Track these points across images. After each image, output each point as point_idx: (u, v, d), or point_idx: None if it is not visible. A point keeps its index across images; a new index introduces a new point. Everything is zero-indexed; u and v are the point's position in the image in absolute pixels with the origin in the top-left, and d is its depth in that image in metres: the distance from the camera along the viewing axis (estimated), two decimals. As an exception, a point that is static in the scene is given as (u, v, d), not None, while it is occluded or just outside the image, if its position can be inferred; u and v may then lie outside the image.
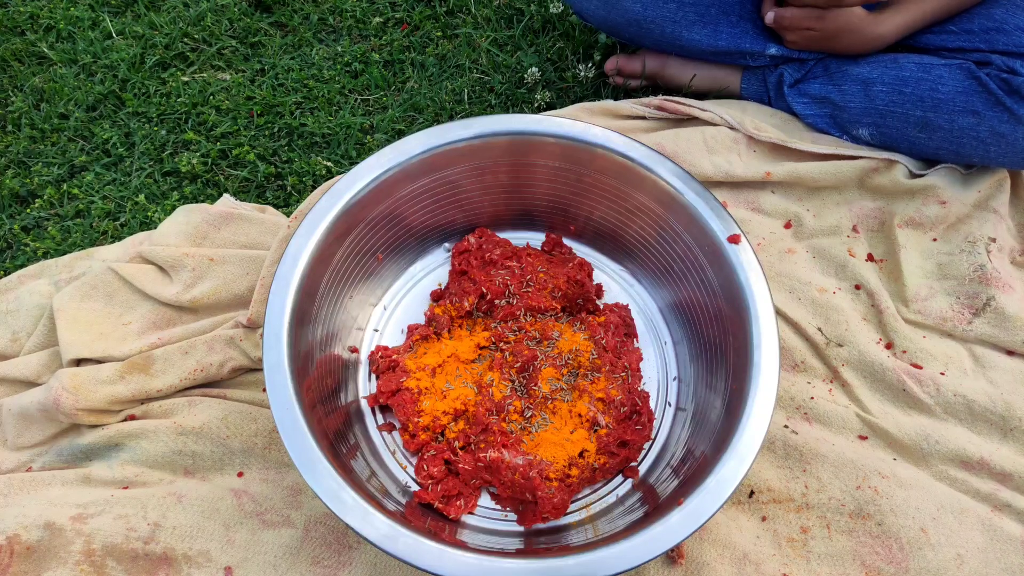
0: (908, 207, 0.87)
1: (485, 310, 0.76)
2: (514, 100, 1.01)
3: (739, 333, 0.65)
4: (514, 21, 1.08)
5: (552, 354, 0.71)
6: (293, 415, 0.59)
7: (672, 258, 0.75)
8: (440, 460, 0.68)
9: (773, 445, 0.73)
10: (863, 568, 0.68)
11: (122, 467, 0.72)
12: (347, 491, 0.56)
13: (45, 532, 0.66)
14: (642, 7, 0.90)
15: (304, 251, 0.66)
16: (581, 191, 0.77)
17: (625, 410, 0.69)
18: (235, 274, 0.80)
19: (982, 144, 0.83)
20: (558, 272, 0.77)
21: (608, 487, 0.70)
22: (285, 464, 0.72)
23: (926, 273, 0.84)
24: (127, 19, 1.08)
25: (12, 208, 0.93)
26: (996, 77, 0.81)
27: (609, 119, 0.93)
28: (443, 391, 0.70)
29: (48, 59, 1.05)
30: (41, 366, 0.76)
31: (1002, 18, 0.82)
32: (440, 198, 0.76)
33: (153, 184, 0.94)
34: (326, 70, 1.03)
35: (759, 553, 0.68)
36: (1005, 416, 0.74)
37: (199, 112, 0.99)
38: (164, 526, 0.68)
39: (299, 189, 0.93)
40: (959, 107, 0.82)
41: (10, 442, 0.74)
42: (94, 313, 0.79)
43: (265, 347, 0.61)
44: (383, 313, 0.78)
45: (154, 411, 0.74)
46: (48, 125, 0.98)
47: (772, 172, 0.88)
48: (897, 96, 0.85)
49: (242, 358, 0.76)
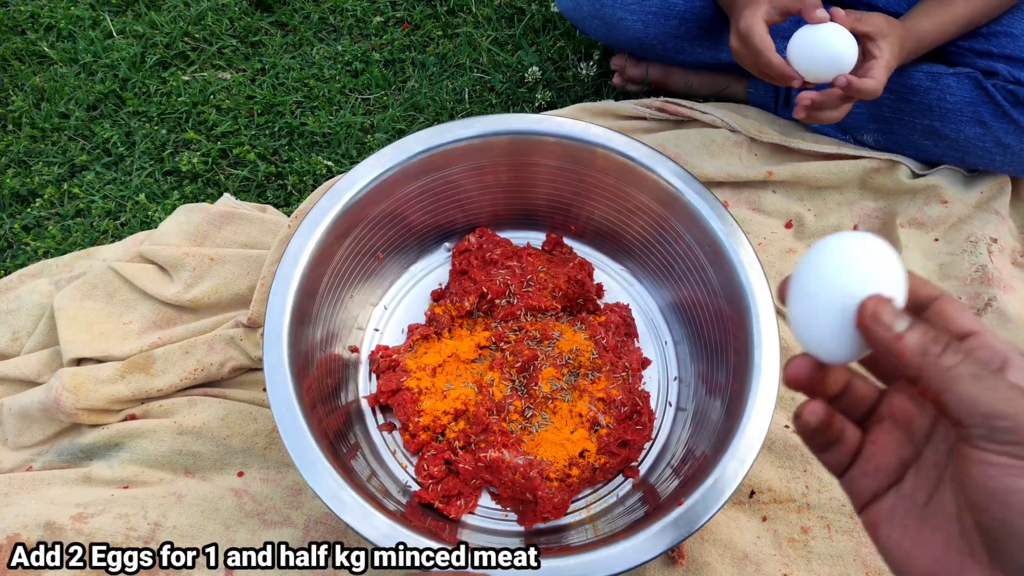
0: (910, 207, 0.86)
1: (485, 310, 0.76)
2: (515, 99, 1.01)
3: (740, 333, 0.65)
4: (515, 20, 1.08)
5: (552, 354, 0.71)
6: (293, 415, 0.59)
7: (673, 258, 0.75)
8: (440, 460, 0.68)
9: (774, 445, 0.73)
10: (864, 568, 0.68)
11: (122, 467, 0.72)
12: (347, 491, 0.56)
13: (45, 531, 0.66)
14: (643, 26, 0.89)
15: (304, 251, 0.66)
16: (582, 191, 0.77)
17: (625, 410, 0.69)
18: (235, 273, 0.80)
19: (987, 153, 0.83)
20: (559, 272, 0.76)
21: (608, 487, 0.70)
22: (285, 464, 0.72)
23: (928, 273, 0.84)
24: (128, 18, 1.08)
25: (13, 207, 0.93)
26: (1002, 88, 0.80)
27: (610, 119, 0.93)
28: (443, 391, 0.70)
29: (49, 58, 1.05)
30: (41, 365, 0.76)
31: (1010, 23, 0.80)
32: (440, 198, 0.76)
33: (153, 183, 0.94)
34: (327, 69, 1.03)
35: (759, 553, 0.68)
36: (1006, 416, 0.74)
37: (199, 111, 0.99)
38: (164, 526, 0.68)
39: (299, 188, 0.93)
40: (966, 117, 0.82)
41: (10, 441, 0.74)
42: (94, 312, 0.79)
43: (265, 347, 0.61)
44: (383, 313, 0.78)
45: (154, 411, 0.74)
46: (49, 124, 0.98)
47: (774, 172, 0.88)
48: (904, 104, 0.84)
49: (242, 358, 0.76)
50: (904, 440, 0.33)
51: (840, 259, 0.31)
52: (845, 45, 0.69)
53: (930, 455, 0.32)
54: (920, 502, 0.31)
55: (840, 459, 0.34)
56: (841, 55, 0.69)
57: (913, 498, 0.32)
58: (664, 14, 0.88)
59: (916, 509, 0.31)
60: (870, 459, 0.33)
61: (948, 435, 0.32)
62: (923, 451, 0.33)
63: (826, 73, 0.70)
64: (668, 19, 0.88)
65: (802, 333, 0.32)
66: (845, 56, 0.69)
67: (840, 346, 0.31)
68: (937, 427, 0.32)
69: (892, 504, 0.32)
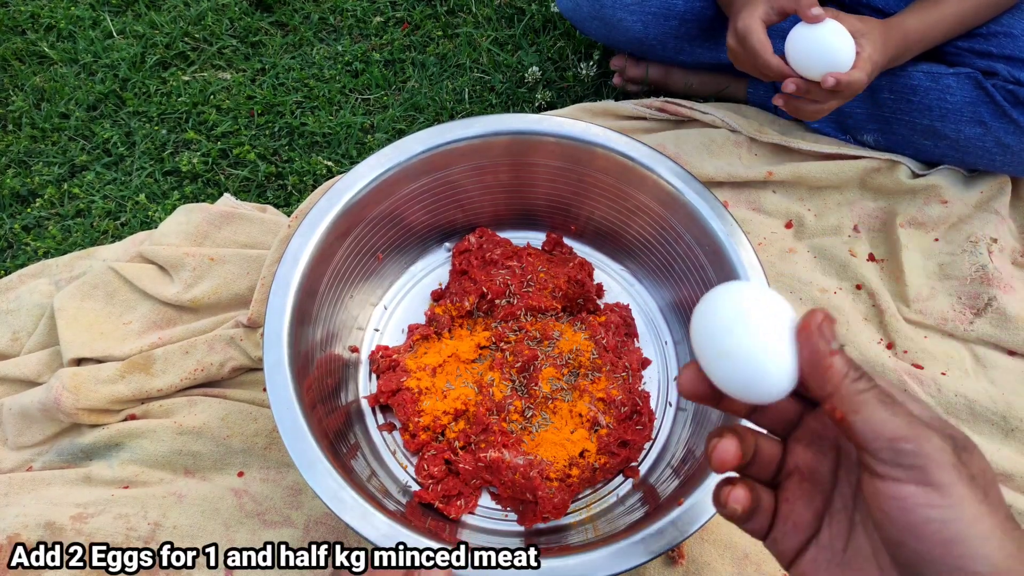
0: (910, 207, 0.86)
1: (486, 310, 0.76)
2: (515, 99, 1.01)
3: (740, 333, 0.65)
4: (515, 20, 1.08)
5: (553, 354, 0.71)
6: (293, 415, 0.59)
7: (673, 258, 0.75)
8: (440, 460, 0.68)
9: (774, 445, 0.73)
10: (864, 568, 0.68)
11: (122, 467, 0.72)
12: (347, 491, 0.56)
13: (45, 531, 0.66)
14: (643, 27, 0.89)
15: (304, 251, 0.66)
16: (582, 191, 0.77)
17: (626, 410, 0.69)
18: (235, 274, 0.80)
19: (987, 153, 0.83)
20: (559, 272, 0.76)
21: (608, 487, 0.70)
22: (285, 464, 0.72)
23: (927, 273, 0.84)
24: (128, 18, 1.08)
25: (13, 207, 0.93)
26: (1002, 88, 0.80)
27: (610, 119, 0.93)
28: (443, 391, 0.70)
29: (49, 58, 1.05)
30: (41, 365, 0.76)
31: (1010, 23, 0.80)
32: (440, 198, 0.76)
33: (154, 183, 0.94)
34: (327, 69, 1.03)
35: (760, 553, 0.68)
36: (1007, 416, 0.74)
37: (200, 111, 0.99)
38: (164, 526, 0.68)
39: (299, 188, 0.93)
40: (966, 117, 0.82)
41: (10, 441, 0.74)
42: (94, 312, 0.79)
43: (265, 347, 0.61)
44: (383, 313, 0.78)
45: (154, 411, 0.74)
46: (49, 124, 0.98)
47: (774, 172, 0.88)
48: (904, 104, 0.84)
49: (242, 358, 0.76)
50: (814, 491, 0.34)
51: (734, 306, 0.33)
52: (842, 43, 0.69)
53: (839, 500, 0.33)
54: (839, 548, 0.32)
55: (761, 525, 0.35)
56: (838, 53, 0.69)
57: (832, 547, 0.33)
58: (664, 14, 0.88)
59: (837, 556, 0.32)
60: (787, 518, 0.34)
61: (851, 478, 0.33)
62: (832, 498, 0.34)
63: (823, 71, 0.70)
64: (668, 19, 0.88)
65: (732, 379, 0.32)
66: (842, 54, 0.69)
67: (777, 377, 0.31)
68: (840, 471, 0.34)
69: (814, 556, 0.33)
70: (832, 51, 0.69)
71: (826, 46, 0.69)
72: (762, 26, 0.72)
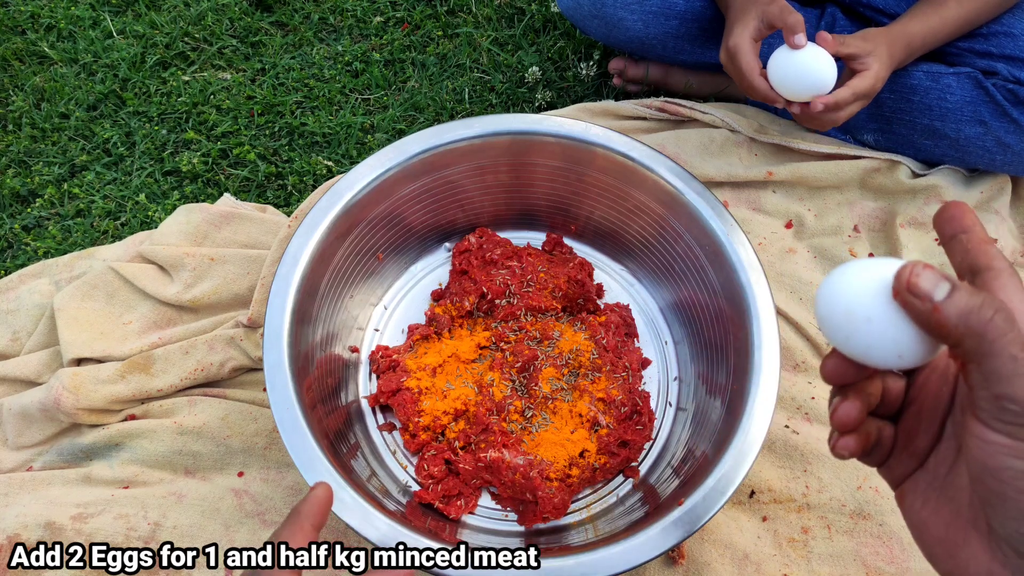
0: (910, 207, 0.86)
1: (486, 310, 0.76)
2: (515, 99, 1.01)
3: (740, 333, 0.65)
4: (515, 20, 1.08)
5: (553, 354, 0.71)
6: (293, 415, 0.59)
7: (673, 258, 0.75)
8: (440, 460, 0.68)
9: (774, 445, 0.73)
10: (864, 568, 0.67)
11: (122, 467, 0.72)
12: (347, 491, 0.56)
13: (45, 531, 0.66)
14: (644, 26, 0.89)
15: (304, 251, 0.66)
16: (582, 191, 0.77)
17: (626, 410, 0.69)
18: (235, 274, 0.80)
19: (988, 153, 0.83)
20: (559, 272, 0.76)
21: (609, 487, 0.70)
22: (285, 464, 0.72)
23: (927, 273, 0.83)
24: (128, 18, 1.08)
25: (13, 207, 0.93)
26: (1002, 88, 0.80)
27: (610, 119, 0.93)
28: (443, 391, 0.70)
29: (49, 58, 1.05)
30: (41, 365, 0.76)
31: (1010, 23, 0.80)
32: (440, 198, 0.76)
33: (154, 183, 0.94)
34: (327, 69, 1.03)
35: (760, 553, 0.68)
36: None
37: (200, 111, 0.99)
38: (164, 526, 0.68)
39: (299, 189, 0.93)
40: (966, 117, 0.82)
41: (11, 441, 0.74)
42: (94, 312, 0.79)
43: (265, 347, 0.61)
44: (383, 313, 0.78)
45: (154, 411, 0.74)
46: (49, 124, 0.98)
47: (774, 172, 0.88)
48: (904, 104, 0.84)
49: (242, 358, 0.76)
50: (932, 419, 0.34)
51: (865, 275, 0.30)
52: (823, 67, 0.71)
53: (950, 426, 0.34)
54: (941, 473, 0.33)
55: (880, 458, 0.36)
56: (819, 76, 0.71)
57: (935, 471, 0.34)
58: (665, 14, 0.88)
59: (937, 481, 0.33)
60: (904, 447, 0.35)
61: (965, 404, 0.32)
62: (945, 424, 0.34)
63: (806, 94, 0.72)
64: (669, 19, 0.88)
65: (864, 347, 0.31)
66: (824, 77, 0.71)
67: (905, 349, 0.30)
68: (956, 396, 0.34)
69: (917, 478, 0.34)
70: (812, 74, 0.71)
71: (806, 70, 0.71)
72: (752, 46, 0.74)
